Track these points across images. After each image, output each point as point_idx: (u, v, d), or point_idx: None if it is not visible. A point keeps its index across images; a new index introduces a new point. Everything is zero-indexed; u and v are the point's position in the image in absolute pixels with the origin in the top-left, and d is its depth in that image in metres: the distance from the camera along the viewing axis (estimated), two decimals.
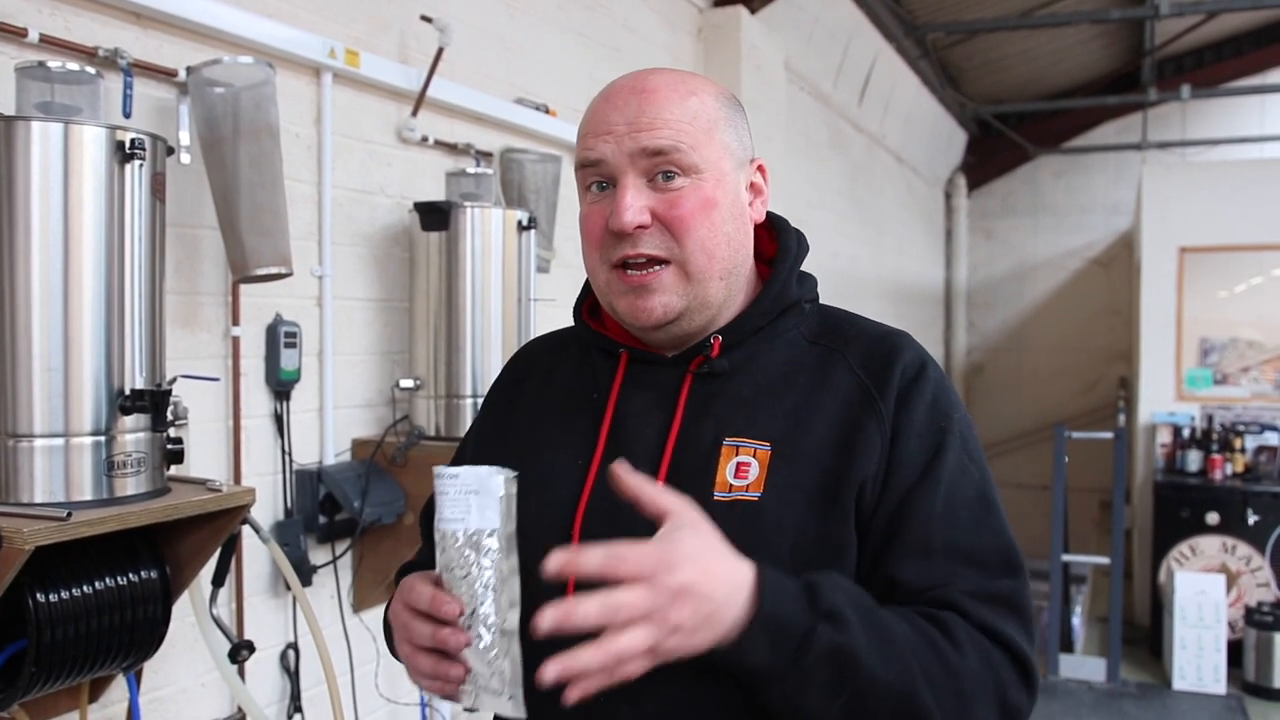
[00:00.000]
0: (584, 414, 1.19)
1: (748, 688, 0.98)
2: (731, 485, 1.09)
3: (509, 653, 1.01)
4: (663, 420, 1.15)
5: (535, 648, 0.94)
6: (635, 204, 1.09)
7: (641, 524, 1.08)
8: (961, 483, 1.10)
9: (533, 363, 1.33)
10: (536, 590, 1.00)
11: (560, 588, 1.04)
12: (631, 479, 0.97)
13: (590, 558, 0.90)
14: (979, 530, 1.09)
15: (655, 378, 1.17)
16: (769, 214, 1.24)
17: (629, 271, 1.12)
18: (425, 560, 1.36)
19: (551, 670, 0.88)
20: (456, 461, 1.36)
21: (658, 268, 1.11)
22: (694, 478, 1.10)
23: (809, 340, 1.19)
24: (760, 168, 1.21)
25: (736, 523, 1.06)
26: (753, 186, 1.19)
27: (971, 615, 1.03)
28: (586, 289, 1.27)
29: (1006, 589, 1.06)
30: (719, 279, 1.13)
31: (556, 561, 0.91)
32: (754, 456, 1.10)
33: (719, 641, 0.93)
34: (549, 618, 0.88)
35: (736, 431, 1.11)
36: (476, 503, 0.99)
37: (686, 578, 0.91)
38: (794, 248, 1.22)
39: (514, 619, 1.01)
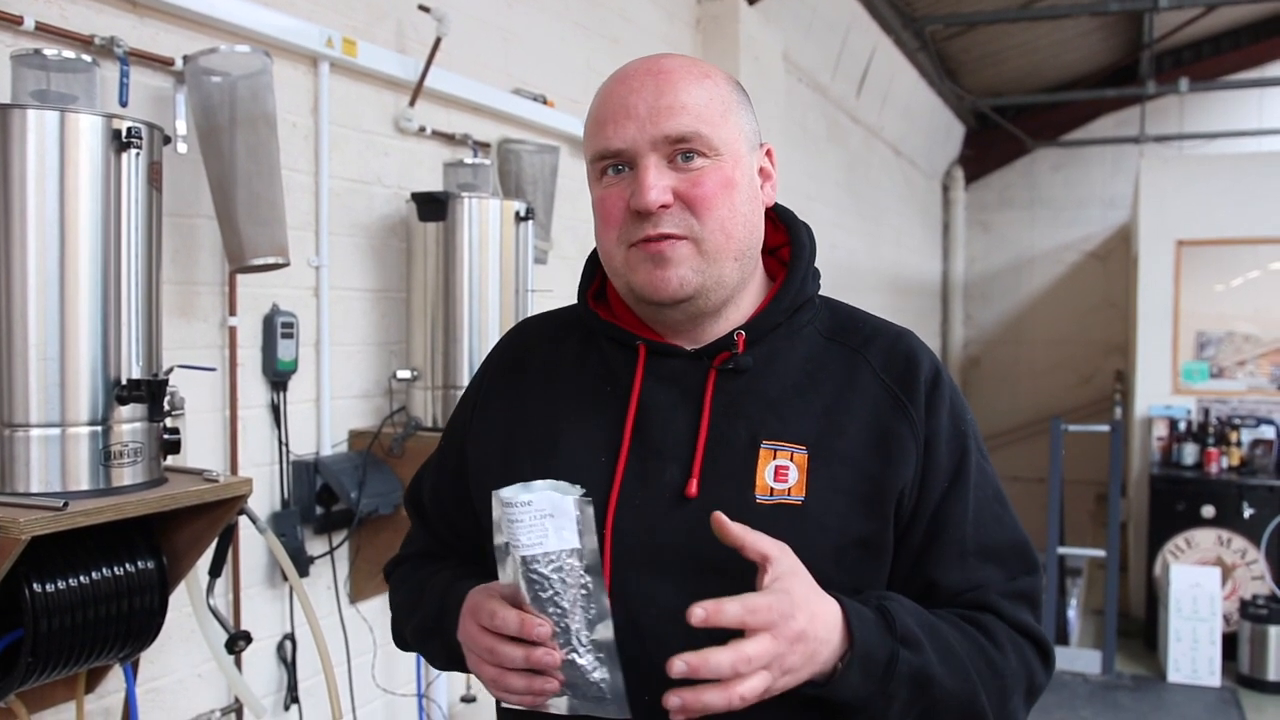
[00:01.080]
0: (601, 406, 1.17)
1: (835, 714, 1.04)
2: (772, 489, 1.10)
3: (606, 663, 1.03)
4: (689, 417, 1.13)
5: (631, 658, 1.04)
6: (659, 183, 1.09)
7: (672, 523, 1.10)
8: (983, 485, 1.17)
9: (532, 348, 1.30)
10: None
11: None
12: (733, 528, 1.00)
13: (730, 610, 0.96)
14: (1002, 529, 1.17)
15: (676, 372, 1.16)
16: (775, 205, 1.25)
17: (649, 243, 1.11)
18: (421, 552, 1.35)
19: (674, 702, 0.95)
20: (445, 450, 1.33)
21: (674, 241, 1.10)
22: (730, 478, 1.11)
23: (825, 336, 1.20)
24: (769, 152, 1.22)
25: (781, 526, 1.07)
26: (762, 171, 1.20)
27: (1006, 615, 1.14)
28: (589, 273, 1.26)
29: (1028, 586, 1.17)
30: (734, 259, 1.13)
31: (700, 614, 0.95)
32: (791, 460, 1.11)
33: (815, 676, 1.00)
34: (679, 667, 0.94)
35: (772, 433, 1.12)
36: (553, 525, 1.01)
37: (801, 625, 0.97)
38: (807, 243, 1.23)
39: (606, 630, 1.03)
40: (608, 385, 1.18)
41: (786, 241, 1.24)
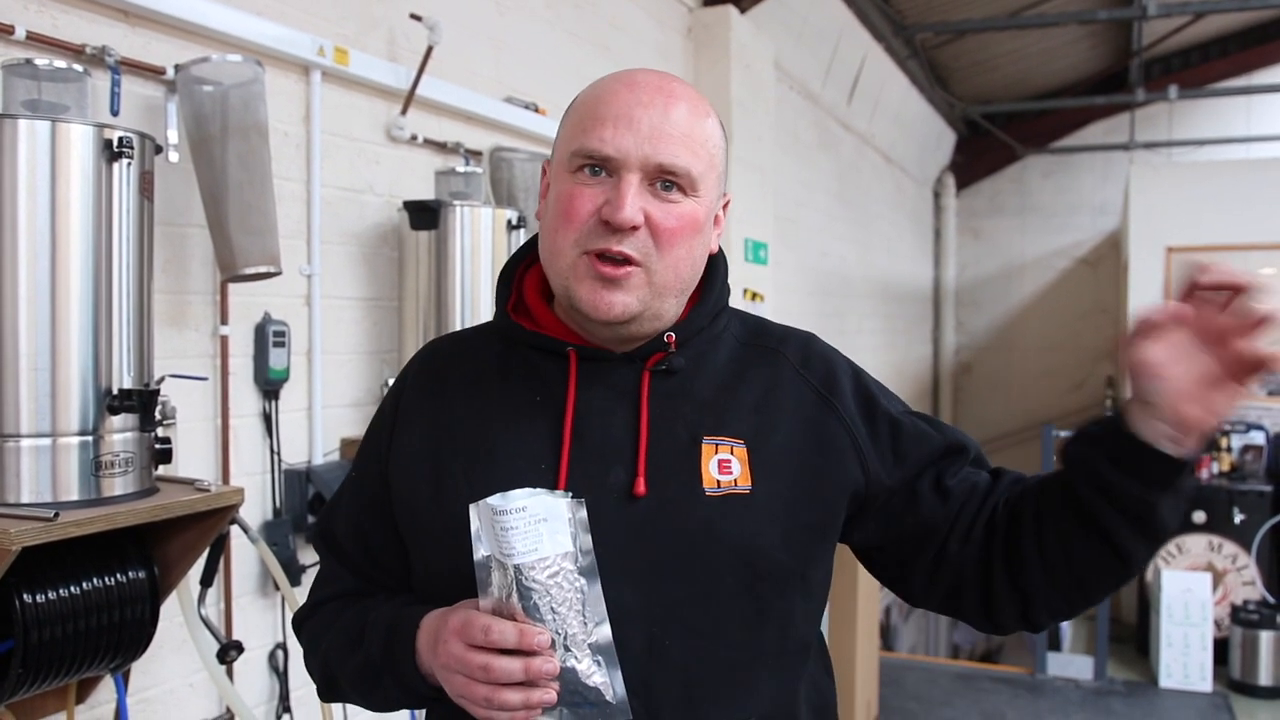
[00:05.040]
0: (534, 414, 1.15)
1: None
2: (719, 480, 1.11)
3: (605, 665, 1.02)
4: (627, 418, 1.13)
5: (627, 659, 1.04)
6: (636, 203, 1.07)
7: (622, 523, 1.09)
8: (900, 414, 1.23)
9: (448, 364, 1.25)
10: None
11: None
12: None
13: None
14: (938, 431, 1.24)
15: (608, 375, 1.15)
16: None
17: (603, 262, 1.08)
18: (341, 593, 1.25)
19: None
20: (361, 480, 1.25)
21: (630, 267, 1.09)
22: (676, 475, 1.11)
23: (740, 341, 1.22)
24: (726, 204, 1.22)
25: (732, 515, 1.10)
26: (716, 218, 1.19)
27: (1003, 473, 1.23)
28: (505, 283, 1.23)
29: (975, 448, 1.26)
30: (674, 297, 1.13)
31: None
32: (733, 454, 1.13)
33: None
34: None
35: (710, 430, 1.13)
36: (548, 530, 1.00)
37: None
38: (721, 254, 1.25)
39: (604, 631, 1.02)
40: (537, 395, 1.16)
41: None
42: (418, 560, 1.19)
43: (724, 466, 1.12)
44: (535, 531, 0.99)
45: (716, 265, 1.22)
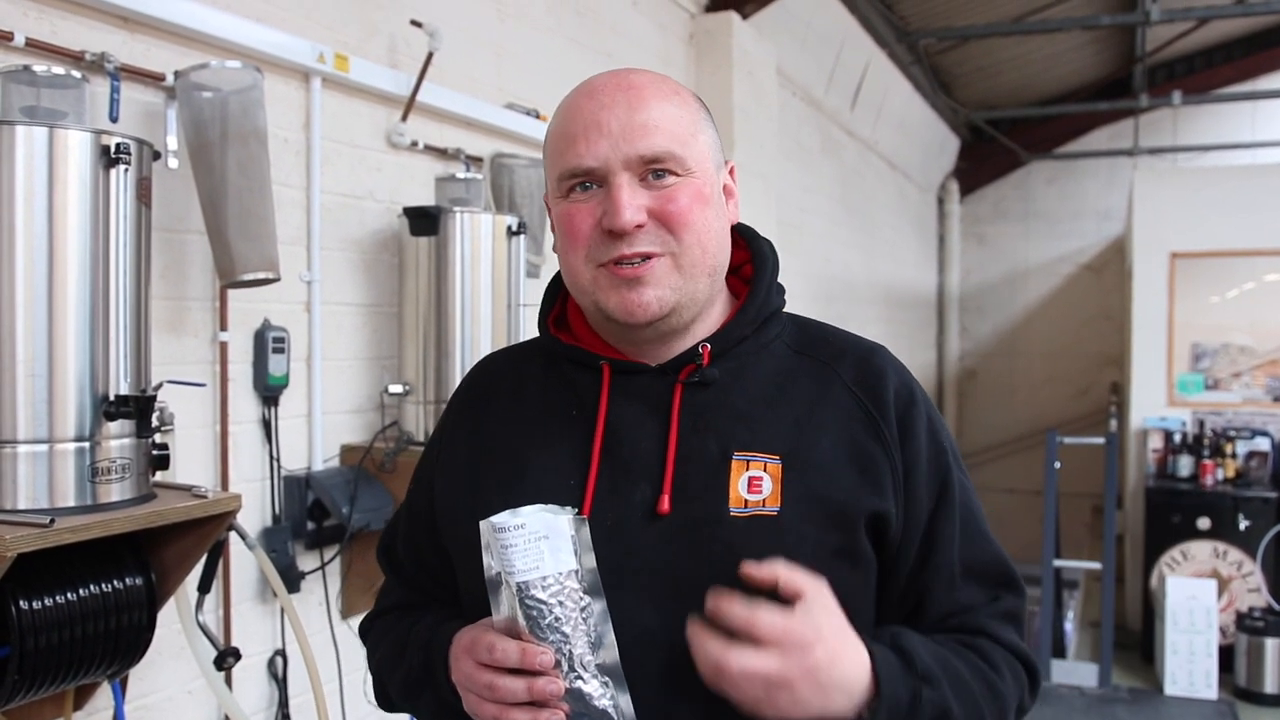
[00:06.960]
0: (567, 430, 1.14)
1: None
2: (746, 500, 1.08)
3: (614, 687, 1.00)
4: (657, 432, 1.11)
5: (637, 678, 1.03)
6: (633, 203, 1.07)
7: (646, 541, 1.07)
8: (966, 501, 1.16)
9: (494, 381, 1.27)
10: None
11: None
12: (765, 571, 1.00)
13: (738, 611, 0.97)
14: (986, 546, 1.18)
15: (641, 388, 1.14)
16: (735, 223, 1.24)
17: (622, 267, 1.08)
18: (398, 604, 1.29)
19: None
20: (414, 496, 1.28)
21: (650, 260, 1.08)
22: (704, 492, 1.08)
23: (794, 350, 1.18)
24: (731, 170, 1.20)
25: (757, 537, 1.06)
26: (726, 189, 1.18)
27: (1000, 638, 1.15)
28: (549, 300, 1.24)
29: (1013, 605, 1.18)
30: (707, 275, 1.12)
31: (709, 606, 0.98)
32: (765, 470, 1.08)
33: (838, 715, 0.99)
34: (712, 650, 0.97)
35: (743, 445, 1.10)
36: (549, 547, 0.98)
37: (817, 659, 0.97)
38: (770, 255, 1.22)
39: (611, 652, 1.00)
40: (573, 409, 1.15)
41: (747, 259, 1.22)
42: (460, 574, 1.19)
43: (754, 485, 1.08)
44: (536, 549, 0.98)
45: (763, 269, 1.20)
